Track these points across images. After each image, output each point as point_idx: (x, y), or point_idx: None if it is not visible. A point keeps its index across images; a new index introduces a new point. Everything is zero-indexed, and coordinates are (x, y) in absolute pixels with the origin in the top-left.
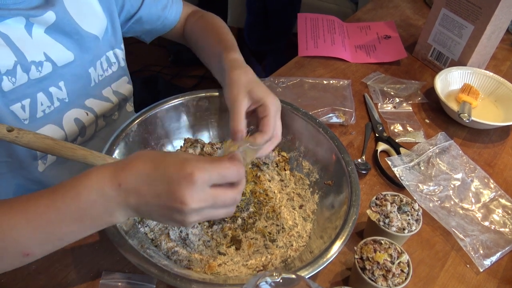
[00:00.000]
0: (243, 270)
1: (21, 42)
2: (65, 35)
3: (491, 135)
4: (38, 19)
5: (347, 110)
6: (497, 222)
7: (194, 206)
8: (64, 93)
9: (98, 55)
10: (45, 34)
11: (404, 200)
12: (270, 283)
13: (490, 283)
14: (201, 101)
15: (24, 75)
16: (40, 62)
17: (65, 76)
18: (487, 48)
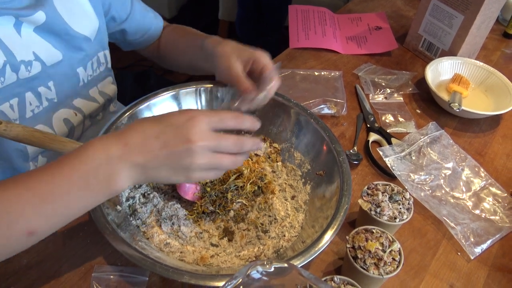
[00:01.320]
0: (236, 261)
1: (9, 41)
2: (54, 34)
3: (482, 125)
4: (28, 19)
5: (338, 101)
6: (488, 210)
7: (200, 143)
8: (53, 93)
9: (89, 56)
10: (34, 33)
11: (395, 189)
12: (261, 272)
13: (481, 271)
14: (192, 94)
15: (13, 74)
16: (29, 62)
17: (54, 76)
18: (477, 38)
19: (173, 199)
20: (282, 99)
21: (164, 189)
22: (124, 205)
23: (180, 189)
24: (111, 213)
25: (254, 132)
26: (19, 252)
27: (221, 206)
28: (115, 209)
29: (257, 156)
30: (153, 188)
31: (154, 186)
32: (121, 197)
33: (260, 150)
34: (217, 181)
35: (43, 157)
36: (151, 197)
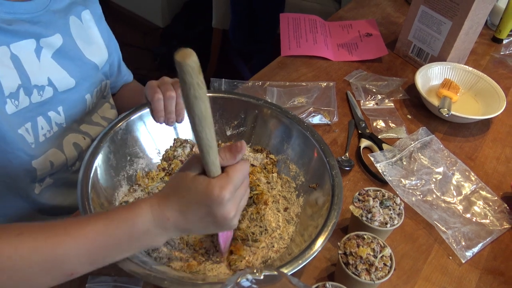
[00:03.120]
0: (223, 270)
1: (29, 65)
2: (69, 60)
3: (472, 129)
4: (47, 41)
5: (330, 109)
6: (478, 214)
7: (233, 213)
8: (62, 118)
9: (95, 83)
10: (51, 59)
11: (386, 195)
12: (251, 280)
13: (472, 274)
14: None
15: (26, 98)
16: (42, 86)
17: (64, 102)
18: (466, 43)
19: None
20: (280, 111)
21: None
22: None
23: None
24: None
25: (252, 143)
26: None
27: None
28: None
29: (253, 167)
30: (147, 194)
31: (149, 191)
32: (114, 201)
33: (256, 161)
34: None
35: (50, 178)
36: None
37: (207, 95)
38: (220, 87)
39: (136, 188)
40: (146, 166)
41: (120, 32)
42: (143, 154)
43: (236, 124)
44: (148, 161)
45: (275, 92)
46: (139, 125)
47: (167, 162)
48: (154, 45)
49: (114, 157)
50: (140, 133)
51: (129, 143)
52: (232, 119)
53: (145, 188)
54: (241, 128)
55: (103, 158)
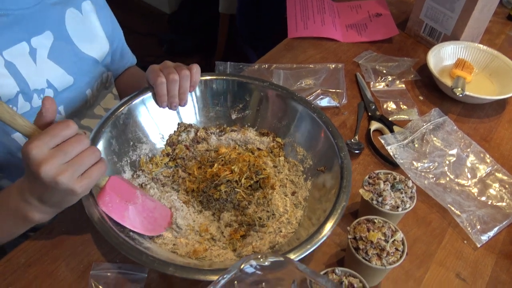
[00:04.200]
0: (230, 255)
1: (25, 70)
2: (65, 57)
3: (487, 110)
4: (38, 40)
5: (338, 91)
6: (494, 197)
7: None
8: (62, 116)
9: (95, 77)
10: (48, 60)
11: (397, 178)
12: (255, 266)
13: (488, 258)
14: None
15: (27, 104)
16: (42, 90)
17: (65, 100)
18: (480, 21)
19: (172, 190)
20: (286, 93)
21: (163, 180)
22: None
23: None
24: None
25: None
26: (17, 251)
27: (214, 198)
28: None
29: (259, 150)
30: (151, 179)
31: (153, 177)
32: None
33: (262, 144)
34: (210, 178)
35: None
36: (148, 187)
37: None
38: (225, 70)
39: (140, 174)
40: (150, 152)
41: (127, 18)
42: (146, 139)
43: (241, 107)
44: (152, 146)
45: (282, 74)
46: (141, 110)
47: (171, 147)
48: (161, 32)
49: (116, 143)
50: (142, 117)
51: (131, 128)
52: (237, 102)
53: (149, 173)
54: (246, 111)
55: (104, 144)
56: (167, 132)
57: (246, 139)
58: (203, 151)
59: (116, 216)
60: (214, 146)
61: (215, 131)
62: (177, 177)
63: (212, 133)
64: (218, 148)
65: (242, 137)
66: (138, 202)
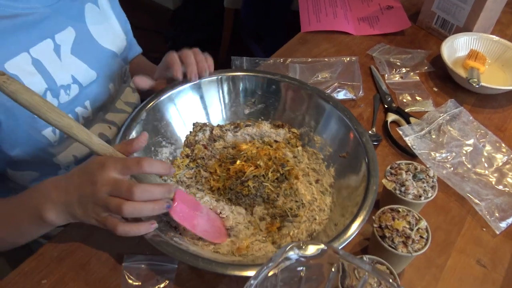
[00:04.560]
0: (270, 248)
1: (51, 66)
2: (87, 52)
3: (500, 100)
4: (61, 36)
5: (354, 84)
6: (511, 185)
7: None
8: (88, 111)
9: (116, 71)
10: (71, 55)
11: (418, 168)
12: (297, 253)
13: (507, 245)
14: (214, 83)
15: (54, 100)
16: (68, 86)
17: (90, 95)
18: (492, 12)
19: (198, 191)
20: (298, 84)
21: (187, 182)
22: None
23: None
24: None
25: (272, 119)
26: (50, 245)
27: (242, 194)
28: None
29: (276, 143)
30: (177, 182)
31: (178, 180)
32: None
33: (279, 136)
34: (234, 175)
35: None
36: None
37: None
38: (241, 65)
39: (165, 178)
40: (170, 155)
41: (131, 15)
42: (166, 143)
43: (254, 101)
44: (171, 150)
45: (298, 68)
46: (158, 114)
47: (189, 148)
48: (165, 28)
49: (139, 153)
50: (160, 122)
51: (151, 133)
52: (249, 96)
53: (174, 176)
54: (259, 105)
55: None
56: (183, 134)
57: (261, 132)
58: (221, 149)
59: (188, 224)
60: (231, 142)
61: (230, 127)
62: (199, 177)
63: (227, 130)
64: (235, 144)
65: (258, 131)
66: (204, 212)
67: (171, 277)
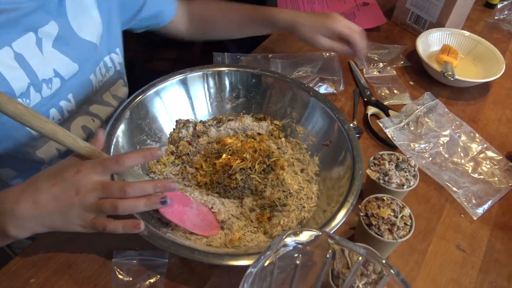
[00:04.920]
0: (263, 238)
1: (33, 60)
2: (68, 45)
3: (472, 92)
4: (44, 30)
5: (335, 78)
6: (486, 173)
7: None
8: (73, 104)
9: (97, 61)
10: (53, 49)
11: (400, 158)
12: (294, 240)
13: (484, 230)
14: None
15: (37, 94)
16: (50, 79)
17: (73, 87)
18: (463, 8)
19: (185, 187)
20: (278, 76)
21: (174, 179)
22: None
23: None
24: None
25: (254, 112)
26: (37, 244)
27: (230, 187)
28: None
29: (260, 135)
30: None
31: (164, 177)
32: None
33: (261, 129)
34: (221, 169)
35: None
36: None
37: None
38: (223, 61)
39: (153, 176)
40: None
41: None
42: (150, 141)
43: (235, 96)
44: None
45: (279, 63)
46: (142, 112)
47: (174, 145)
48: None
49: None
50: (143, 120)
51: (135, 131)
52: (230, 91)
53: (160, 174)
54: (241, 99)
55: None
56: (167, 131)
57: (244, 126)
58: (205, 144)
59: (177, 219)
60: (214, 137)
61: (213, 123)
62: (186, 174)
63: (210, 125)
64: (219, 139)
65: (240, 124)
66: (194, 206)
67: (162, 272)
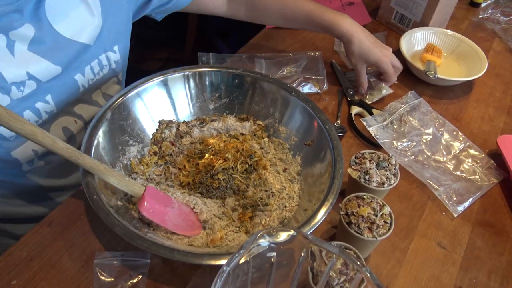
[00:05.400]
0: (243, 237)
1: (2, 63)
2: (50, 48)
3: (456, 91)
4: (17, 34)
5: (319, 78)
6: (467, 171)
7: None
8: (52, 105)
9: (87, 61)
10: (28, 52)
11: (381, 156)
12: (268, 240)
13: (464, 227)
14: (180, 79)
15: (5, 96)
16: (22, 82)
17: (52, 89)
18: (447, 7)
19: (168, 187)
20: (261, 77)
21: (157, 179)
22: (124, 198)
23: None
24: (112, 204)
25: (237, 112)
26: (18, 245)
27: (212, 187)
28: (116, 201)
29: (243, 135)
30: (146, 180)
31: (147, 177)
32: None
33: (244, 129)
34: (203, 170)
35: (41, 161)
36: None
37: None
38: (208, 61)
39: (135, 176)
40: (138, 153)
41: None
42: (133, 142)
43: (218, 96)
44: (139, 148)
45: (264, 63)
46: (124, 113)
47: (157, 145)
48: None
49: (106, 150)
50: (126, 121)
51: (117, 132)
52: (213, 92)
53: (143, 174)
54: (224, 99)
55: (95, 154)
56: (150, 132)
57: (227, 126)
58: (188, 145)
59: (158, 219)
60: (198, 138)
61: (196, 123)
62: (169, 174)
63: (193, 125)
64: (203, 139)
65: (224, 125)
66: (175, 206)
67: (144, 272)
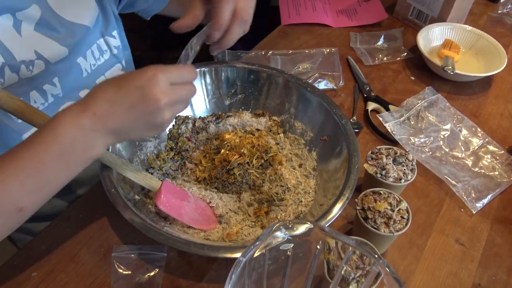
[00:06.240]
0: (259, 232)
1: (9, 41)
2: (56, 29)
3: (474, 87)
4: (24, 14)
5: (335, 74)
6: (486, 167)
7: (166, 100)
8: (58, 88)
9: (88, 44)
10: (35, 32)
11: (398, 152)
12: (284, 232)
13: (483, 224)
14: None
15: (14, 75)
16: (31, 61)
17: (59, 71)
18: (465, 2)
19: (184, 182)
20: (276, 72)
21: (173, 174)
22: (141, 193)
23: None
24: (130, 198)
25: (252, 108)
26: (38, 239)
27: (228, 182)
28: (134, 195)
29: (258, 131)
30: (163, 175)
31: (164, 172)
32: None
33: (260, 125)
34: (219, 165)
35: None
36: None
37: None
38: (224, 58)
39: (152, 171)
40: (155, 149)
41: None
42: (149, 137)
43: (234, 92)
44: (156, 143)
45: (279, 60)
46: None
47: (173, 141)
48: (144, 27)
49: (125, 146)
50: None
51: None
52: (229, 88)
53: (160, 169)
54: (239, 95)
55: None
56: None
57: (243, 122)
58: (205, 140)
59: (175, 214)
60: (213, 133)
61: (212, 119)
62: (185, 169)
63: (209, 121)
64: (219, 135)
65: (239, 120)
66: (191, 201)
67: (161, 265)
